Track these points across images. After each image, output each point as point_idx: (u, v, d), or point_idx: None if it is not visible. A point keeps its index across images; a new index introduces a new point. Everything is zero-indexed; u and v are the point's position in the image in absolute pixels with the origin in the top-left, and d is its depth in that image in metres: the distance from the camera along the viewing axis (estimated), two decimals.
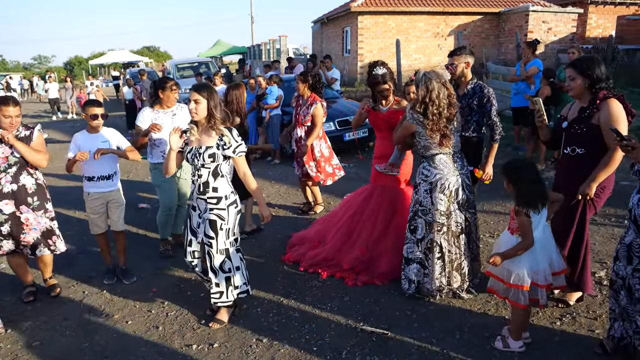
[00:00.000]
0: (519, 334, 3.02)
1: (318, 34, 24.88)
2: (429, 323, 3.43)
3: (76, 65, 57.76)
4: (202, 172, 3.28)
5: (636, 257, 2.67)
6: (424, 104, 3.43)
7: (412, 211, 3.73)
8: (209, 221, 3.30)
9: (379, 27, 18.44)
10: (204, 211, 3.34)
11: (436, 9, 18.39)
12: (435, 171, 3.57)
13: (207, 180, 3.28)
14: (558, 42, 17.24)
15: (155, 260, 4.71)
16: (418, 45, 18.77)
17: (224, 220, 3.31)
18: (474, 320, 3.42)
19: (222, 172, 3.33)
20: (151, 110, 4.62)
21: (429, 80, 3.43)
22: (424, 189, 3.62)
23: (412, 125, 3.58)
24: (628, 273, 2.72)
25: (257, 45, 31.12)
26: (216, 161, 3.26)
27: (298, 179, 5.97)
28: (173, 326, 3.55)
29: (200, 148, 3.25)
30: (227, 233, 3.35)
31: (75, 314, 3.78)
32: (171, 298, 3.96)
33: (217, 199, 3.30)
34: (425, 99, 3.42)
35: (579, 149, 3.18)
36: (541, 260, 2.86)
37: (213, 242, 3.31)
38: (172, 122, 4.56)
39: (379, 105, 4.37)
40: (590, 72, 3.08)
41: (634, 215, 2.65)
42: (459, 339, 3.23)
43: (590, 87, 3.13)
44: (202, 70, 15.95)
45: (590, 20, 19.34)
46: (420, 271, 3.71)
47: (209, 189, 3.29)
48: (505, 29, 18.77)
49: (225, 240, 3.34)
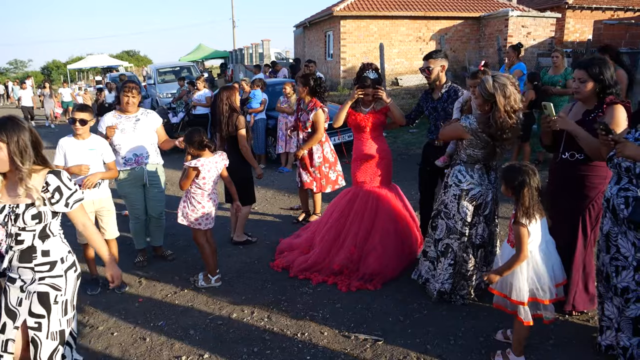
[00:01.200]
0: (521, 349, 2.93)
1: (300, 38, 24.88)
2: (423, 328, 3.39)
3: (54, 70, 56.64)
4: (23, 236, 2.40)
5: (613, 245, 2.74)
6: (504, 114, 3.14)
7: (436, 209, 3.70)
8: (38, 294, 2.41)
9: (362, 31, 18.51)
10: (29, 282, 2.44)
11: (418, 13, 18.54)
12: (471, 180, 3.44)
13: (33, 245, 2.42)
14: (537, 46, 17.53)
15: (139, 270, 4.59)
16: (400, 50, 18.89)
17: (59, 290, 2.45)
18: (467, 325, 3.39)
19: (52, 232, 2.48)
20: (113, 114, 4.42)
21: (504, 85, 3.13)
22: (453, 193, 3.51)
23: (465, 134, 3.38)
24: (606, 262, 2.80)
25: (239, 49, 31.00)
26: (43, 221, 2.41)
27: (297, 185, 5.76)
28: (161, 337, 3.44)
29: (16, 207, 2.35)
30: (63, 307, 2.47)
31: None
32: (158, 309, 3.85)
33: (50, 264, 2.45)
34: (507, 107, 3.13)
35: (579, 155, 3.13)
36: (543, 273, 2.75)
37: (43, 323, 2.41)
38: (135, 127, 4.37)
39: (360, 106, 4.35)
40: (603, 76, 2.99)
41: (612, 205, 2.70)
42: (453, 344, 3.19)
43: (599, 92, 3.05)
44: (184, 74, 15.76)
45: (568, 25, 19.72)
46: (430, 270, 3.71)
47: (36, 254, 2.43)
48: (485, 33, 19.01)
49: (60, 319, 2.46)
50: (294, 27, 25.45)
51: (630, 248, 2.66)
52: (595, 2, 19.51)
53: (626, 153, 2.47)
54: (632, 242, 2.64)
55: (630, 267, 2.68)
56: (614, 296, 2.79)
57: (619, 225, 2.70)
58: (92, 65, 36.71)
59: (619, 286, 2.73)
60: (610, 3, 19.92)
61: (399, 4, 18.89)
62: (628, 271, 2.69)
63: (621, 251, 2.70)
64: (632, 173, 2.57)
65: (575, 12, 19.70)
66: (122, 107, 4.41)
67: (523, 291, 2.74)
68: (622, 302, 2.74)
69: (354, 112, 4.35)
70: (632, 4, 20.13)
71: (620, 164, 2.61)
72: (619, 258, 2.72)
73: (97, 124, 4.50)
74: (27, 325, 2.40)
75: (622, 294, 2.73)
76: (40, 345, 2.40)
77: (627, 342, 2.74)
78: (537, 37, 17.81)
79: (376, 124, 4.33)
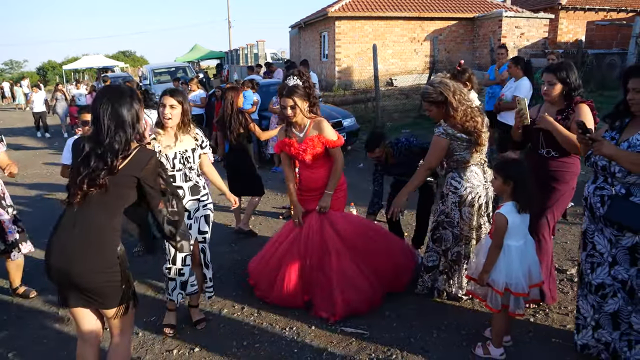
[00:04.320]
0: (500, 341, 3.02)
1: (296, 39, 24.98)
2: (407, 323, 3.49)
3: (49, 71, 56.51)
4: (190, 174, 3.33)
5: (589, 243, 2.85)
6: (455, 107, 3.28)
7: (436, 221, 3.62)
8: (205, 217, 3.42)
9: (356, 32, 18.63)
10: (194, 211, 3.37)
11: (412, 14, 18.67)
12: (467, 184, 3.42)
13: (197, 181, 3.38)
14: (531, 47, 17.69)
15: (133, 265, 4.66)
16: (395, 50, 19.02)
17: (212, 212, 3.51)
18: (450, 319, 3.50)
19: (199, 170, 3.48)
20: None
21: (444, 84, 3.33)
22: (452, 201, 3.49)
23: (444, 141, 3.37)
24: (582, 259, 2.91)
25: (234, 50, 31.07)
26: (197, 161, 3.38)
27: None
28: (153, 332, 3.53)
29: (186, 152, 3.29)
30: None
31: (52, 323, 3.73)
32: (148, 304, 3.93)
33: (206, 194, 3.45)
34: (453, 101, 3.28)
35: (554, 152, 3.28)
36: (516, 269, 2.83)
37: (207, 236, 3.45)
38: None
39: (291, 130, 3.59)
40: (569, 79, 3.24)
41: (589, 204, 2.82)
42: (436, 337, 3.30)
43: (567, 93, 3.28)
44: (179, 75, 15.85)
45: (561, 26, 19.89)
46: (446, 281, 3.66)
47: (200, 188, 3.39)
48: (479, 33, 19.16)
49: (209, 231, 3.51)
50: (289, 28, 25.57)
51: (606, 244, 2.75)
52: (588, 3, 19.68)
53: (603, 151, 2.56)
54: (608, 238, 2.74)
55: (606, 263, 2.76)
56: (588, 294, 2.87)
57: (595, 222, 2.80)
58: (87, 66, 36.64)
59: (594, 283, 2.82)
60: (603, 4, 20.09)
61: (393, 5, 19.01)
62: (603, 267, 2.78)
63: (597, 248, 2.80)
64: (607, 172, 2.67)
65: (569, 13, 19.87)
66: None
67: (498, 282, 2.84)
68: (596, 299, 2.82)
69: (287, 139, 3.63)
70: (624, 5, 20.31)
71: (597, 162, 2.72)
72: (595, 255, 2.82)
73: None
74: (198, 240, 3.41)
75: (596, 291, 2.81)
76: (206, 251, 3.46)
77: (608, 337, 2.80)
78: (531, 38, 17.98)
79: (319, 153, 3.59)
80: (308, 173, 3.69)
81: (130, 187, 2.27)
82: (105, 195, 2.20)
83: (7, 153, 3.88)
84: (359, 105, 13.34)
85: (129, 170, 2.23)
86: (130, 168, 2.23)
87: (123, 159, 2.21)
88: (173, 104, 3.18)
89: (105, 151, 2.16)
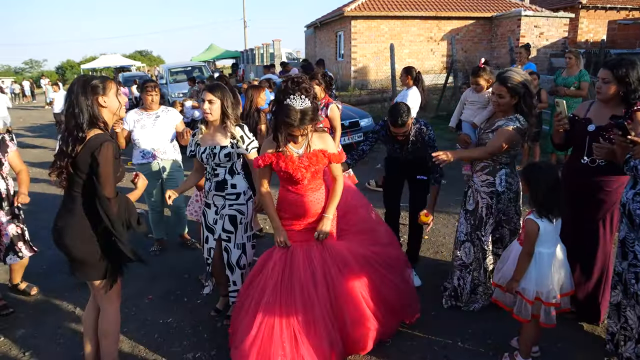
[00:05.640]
0: (528, 352, 2.90)
1: (311, 39, 24.92)
2: (431, 330, 3.38)
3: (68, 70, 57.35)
4: (218, 171, 3.32)
5: (630, 252, 2.69)
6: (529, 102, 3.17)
7: (495, 222, 3.45)
8: (229, 216, 3.33)
9: (372, 31, 18.50)
10: (221, 208, 3.35)
11: (429, 13, 18.48)
12: (517, 179, 3.36)
13: (225, 179, 3.31)
14: (550, 47, 17.39)
15: (151, 266, 4.63)
16: (411, 50, 18.85)
17: (243, 214, 3.35)
18: (476, 327, 3.39)
19: (237, 169, 3.37)
20: (135, 112, 4.64)
21: (526, 75, 3.18)
22: (507, 198, 3.37)
23: (516, 136, 3.17)
24: (624, 268, 2.74)
25: (250, 49, 31.13)
26: (232, 159, 3.30)
27: None
28: (170, 334, 3.48)
29: (214, 148, 3.26)
30: (245, 227, 3.38)
31: (68, 322, 3.70)
32: (167, 305, 3.89)
33: (237, 195, 3.34)
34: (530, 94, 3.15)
35: (600, 160, 2.98)
36: (548, 277, 2.70)
37: (232, 237, 3.35)
38: (154, 124, 4.57)
39: (285, 146, 2.83)
40: (629, 79, 2.84)
41: (627, 210, 2.65)
42: (461, 346, 3.19)
43: (624, 95, 2.90)
44: (195, 74, 15.85)
45: (582, 25, 19.54)
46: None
47: (227, 186, 3.32)
48: (497, 33, 18.90)
49: (243, 235, 3.37)
50: (305, 28, 25.53)
51: None
52: (609, 2, 19.30)
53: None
54: None
55: None
56: (635, 304, 2.71)
57: (635, 230, 2.65)
58: (105, 65, 37.07)
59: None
60: (625, 3, 19.70)
61: (410, 4, 18.85)
62: None
63: (639, 257, 2.65)
64: None
65: (589, 12, 19.51)
66: (146, 106, 4.61)
67: (529, 291, 2.72)
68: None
69: (280, 154, 2.87)
70: None
71: (636, 166, 2.56)
72: (637, 264, 2.67)
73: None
74: (221, 238, 3.35)
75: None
76: (230, 252, 3.36)
77: None
78: (550, 38, 17.67)
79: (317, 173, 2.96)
80: (296, 197, 2.96)
81: (86, 171, 2.51)
82: (76, 177, 2.53)
83: (25, 151, 3.86)
84: (375, 105, 13.24)
85: (84, 155, 2.48)
86: (84, 153, 2.48)
87: (80, 144, 2.47)
88: (211, 99, 3.21)
89: (65, 137, 2.50)
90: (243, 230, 3.36)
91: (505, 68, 3.51)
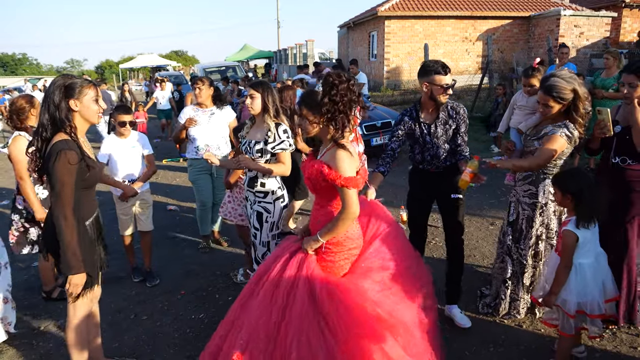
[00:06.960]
0: None
1: (344, 39, 24.90)
2: (463, 336, 3.33)
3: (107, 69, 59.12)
4: None
5: None
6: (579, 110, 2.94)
7: (535, 235, 3.24)
8: (256, 213, 3.37)
9: (406, 31, 18.34)
10: (252, 203, 3.41)
11: (464, 13, 18.19)
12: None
13: (256, 175, 3.34)
14: (590, 47, 16.82)
15: (185, 262, 4.73)
16: (446, 50, 18.58)
17: (269, 213, 3.35)
18: (509, 334, 3.31)
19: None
20: (192, 108, 4.81)
21: (575, 79, 2.95)
22: (552, 210, 3.18)
23: (565, 144, 2.96)
24: None
25: (283, 49, 31.32)
26: (264, 156, 3.29)
27: None
28: (201, 329, 3.54)
29: (250, 142, 3.35)
30: (271, 226, 3.37)
31: (104, 314, 3.79)
32: (199, 301, 3.96)
33: (264, 194, 3.35)
34: (582, 100, 2.91)
35: (630, 160, 2.95)
36: (591, 288, 2.59)
37: (258, 234, 3.38)
38: (209, 121, 4.71)
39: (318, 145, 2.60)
40: None
41: None
42: (492, 351, 3.13)
43: None
44: (229, 74, 16.10)
45: (625, 24, 18.83)
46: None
47: (256, 183, 3.34)
48: (535, 33, 18.43)
49: (268, 233, 3.36)
50: (337, 28, 25.52)
51: None
52: None
53: None
54: None
55: None
56: None
57: None
58: (142, 65, 37.99)
59: None
60: None
61: (444, 4, 18.59)
62: None
63: None
64: None
65: (633, 11, 18.79)
66: (196, 99, 4.76)
67: (570, 303, 2.62)
68: None
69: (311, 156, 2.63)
70: None
71: None
72: None
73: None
74: (252, 233, 3.43)
75: None
76: (256, 248, 3.40)
77: None
78: (591, 38, 17.11)
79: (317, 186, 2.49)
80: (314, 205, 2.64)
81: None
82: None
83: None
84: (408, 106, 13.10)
85: (45, 161, 2.37)
86: (45, 159, 2.37)
87: (45, 143, 2.38)
88: (252, 94, 3.34)
89: (34, 132, 2.43)
90: (269, 229, 3.36)
91: (549, 72, 3.28)
